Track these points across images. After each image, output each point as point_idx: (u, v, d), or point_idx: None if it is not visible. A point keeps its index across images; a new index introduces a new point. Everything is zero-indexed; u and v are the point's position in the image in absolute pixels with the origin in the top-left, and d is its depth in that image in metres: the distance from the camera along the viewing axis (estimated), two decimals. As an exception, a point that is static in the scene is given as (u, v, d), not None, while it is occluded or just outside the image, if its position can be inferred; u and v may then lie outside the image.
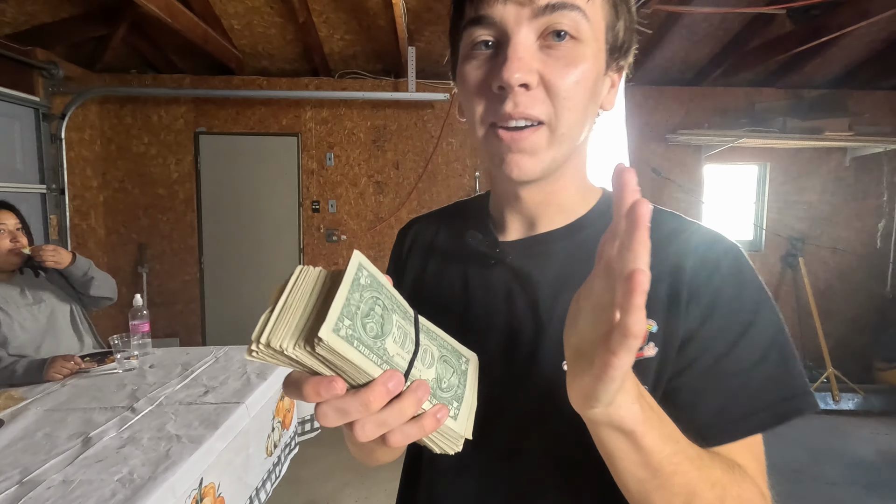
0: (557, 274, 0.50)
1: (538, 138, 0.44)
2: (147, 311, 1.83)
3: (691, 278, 0.46)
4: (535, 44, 0.43)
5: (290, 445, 1.72)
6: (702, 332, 0.45)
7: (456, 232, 0.58)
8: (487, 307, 0.52)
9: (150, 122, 3.64)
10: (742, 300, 0.46)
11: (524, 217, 0.53)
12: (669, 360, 0.45)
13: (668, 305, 0.46)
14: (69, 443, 1.16)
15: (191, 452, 1.10)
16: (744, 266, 0.47)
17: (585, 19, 0.43)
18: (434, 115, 3.76)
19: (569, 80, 0.43)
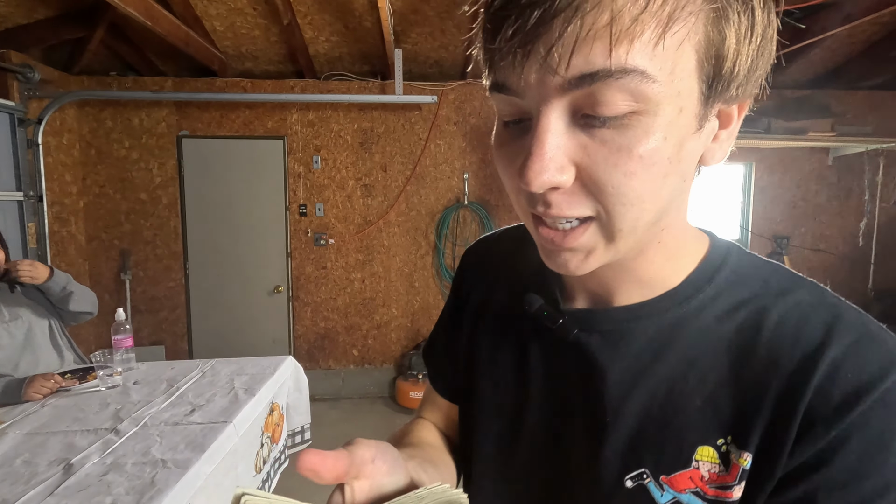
0: (630, 364, 0.39)
1: (589, 237, 0.34)
2: (130, 326, 1.78)
3: (821, 391, 0.33)
4: (565, 125, 0.31)
5: (280, 459, 1.69)
6: (819, 475, 0.33)
7: (518, 278, 0.49)
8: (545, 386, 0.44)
9: (130, 126, 3.56)
10: (885, 445, 0.32)
11: (592, 288, 0.43)
12: (759, 497, 0.34)
13: (773, 428, 0.34)
14: (50, 470, 1.12)
15: (177, 478, 1.07)
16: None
17: (648, 81, 0.29)
18: (422, 116, 3.74)
19: (619, 173, 0.31)
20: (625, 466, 0.38)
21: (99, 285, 3.62)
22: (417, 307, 3.89)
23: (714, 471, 0.35)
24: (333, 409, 3.56)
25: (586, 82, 0.29)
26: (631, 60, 0.28)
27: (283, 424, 1.75)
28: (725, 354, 0.37)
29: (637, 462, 0.38)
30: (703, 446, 0.36)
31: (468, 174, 3.79)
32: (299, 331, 3.82)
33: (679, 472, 0.36)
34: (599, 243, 0.35)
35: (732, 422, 0.35)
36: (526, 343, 0.46)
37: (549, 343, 0.44)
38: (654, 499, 0.37)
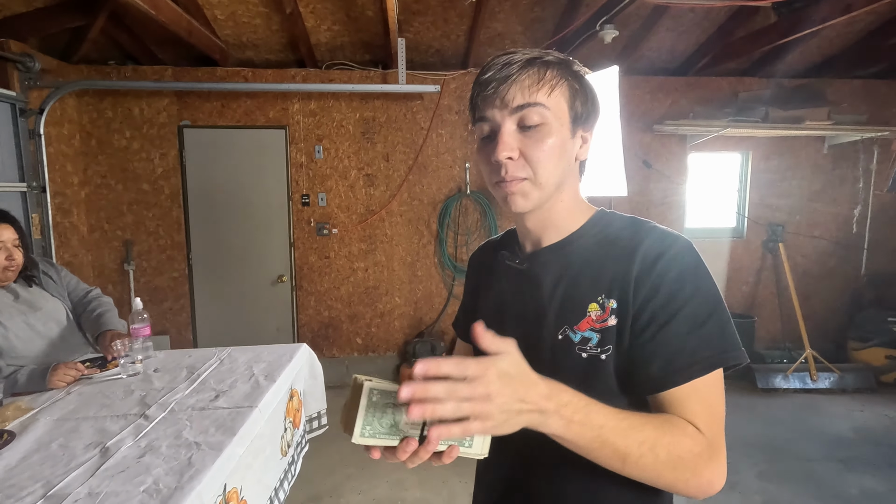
0: (554, 275, 0.71)
1: (524, 187, 0.66)
2: (147, 315, 1.81)
3: (641, 264, 0.63)
4: (515, 130, 0.65)
5: (301, 444, 1.73)
6: (650, 306, 0.61)
7: (497, 252, 0.84)
8: (515, 301, 0.76)
9: (131, 116, 3.54)
10: (682, 281, 0.62)
11: (531, 237, 0.75)
12: (626, 328, 0.63)
13: (622, 286, 0.64)
14: (87, 453, 1.16)
15: (213, 459, 1.11)
16: (686, 255, 0.64)
17: (547, 110, 0.64)
18: (423, 106, 3.74)
19: (538, 151, 0.64)
20: (557, 328, 0.68)
21: (102, 276, 3.63)
22: (420, 295, 3.94)
23: (597, 314, 0.65)
24: (339, 397, 3.59)
25: (522, 109, 0.64)
26: (538, 100, 0.64)
27: (302, 410, 1.79)
28: (598, 258, 0.68)
29: (561, 323, 0.68)
30: (591, 303, 0.66)
31: (470, 164, 3.81)
32: (303, 320, 3.85)
33: (581, 322, 0.66)
34: (531, 190, 0.66)
35: (604, 288, 0.65)
36: (504, 279, 0.79)
37: (515, 275, 0.77)
38: (572, 340, 0.66)
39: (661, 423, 0.57)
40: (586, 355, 0.65)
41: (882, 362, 3.70)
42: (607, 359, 0.63)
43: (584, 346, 0.65)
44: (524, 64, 0.64)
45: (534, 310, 0.71)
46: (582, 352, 0.65)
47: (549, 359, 0.67)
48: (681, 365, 0.59)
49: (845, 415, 3.25)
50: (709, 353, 0.59)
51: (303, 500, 2.39)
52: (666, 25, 3.39)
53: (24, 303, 1.76)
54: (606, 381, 0.64)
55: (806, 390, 3.60)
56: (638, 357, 0.62)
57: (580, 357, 0.65)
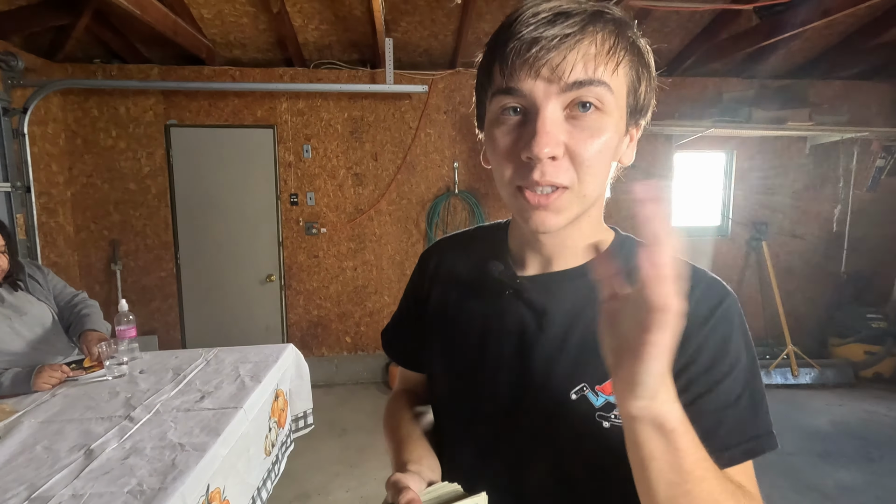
0: (570, 310, 0.55)
1: (563, 201, 0.49)
2: (133, 317, 1.82)
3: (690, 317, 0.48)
4: (561, 115, 0.47)
5: (286, 443, 1.75)
6: (689, 371, 0.50)
7: (478, 261, 0.64)
8: (502, 336, 0.58)
9: (117, 115, 3.52)
10: (727, 347, 0.51)
11: (542, 256, 0.58)
12: None
13: None
14: (71, 455, 1.17)
15: (196, 460, 1.13)
16: (733, 315, 0.52)
17: (609, 92, 0.47)
18: (412, 105, 3.76)
19: (592, 150, 0.48)
20: (570, 384, 0.52)
21: (89, 276, 3.61)
22: (409, 294, 3.95)
23: None
24: (328, 396, 3.63)
25: (576, 87, 0.46)
26: (602, 77, 0.47)
27: (287, 410, 1.81)
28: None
29: (578, 379, 0.52)
30: None
31: (458, 163, 3.83)
32: (292, 319, 3.86)
33: (607, 382, 0.51)
34: (570, 205, 0.49)
35: None
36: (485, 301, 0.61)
37: (504, 300, 0.59)
38: (592, 403, 0.52)
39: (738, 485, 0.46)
40: (609, 425, 0.51)
41: (861, 358, 3.79)
42: None
43: (608, 414, 0.51)
44: (587, 20, 0.46)
45: (537, 356, 0.55)
46: (604, 420, 0.51)
47: (554, 423, 0.53)
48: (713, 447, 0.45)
49: (824, 409, 3.33)
50: (743, 438, 0.49)
51: (290, 498, 2.42)
52: (651, 27, 3.43)
53: (9, 307, 1.76)
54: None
55: (787, 386, 3.68)
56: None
57: (600, 426, 0.51)
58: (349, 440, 2.99)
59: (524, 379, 0.56)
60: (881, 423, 3.13)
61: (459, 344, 0.62)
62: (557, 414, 0.53)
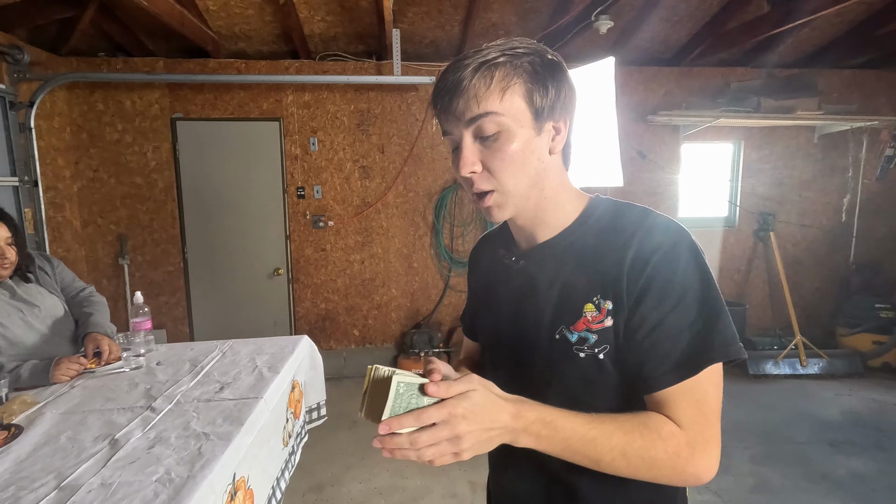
0: (550, 273, 0.70)
1: (495, 199, 0.65)
2: (148, 309, 1.81)
3: (633, 262, 0.62)
4: (474, 143, 0.63)
5: (301, 434, 1.76)
6: (641, 307, 0.61)
7: (496, 248, 0.83)
8: (511, 300, 0.75)
9: (122, 109, 3.50)
10: (672, 282, 0.60)
11: (525, 234, 0.74)
12: (621, 328, 0.62)
13: (616, 285, 0.62)
14: (96, 445, 1.17)
15: (222, 449, 1.13)
16: (679, 249, 0.61)
17: (501, 116, 0.60)
18: (418, 97, 3.74)
19: (499, 162, 0.62)
20: (553, 328, 0.67)
21: (97, 270, 3.61)
22: (416, 287, 3.96)
23: (593, 314, 0.64)
24: (337, 388, 3.64)
25: (475, 121, 0.61)
26: (489, 108, 0.60)
27: (302, 401, 1.81)
28: (594, 255, 0.66)
29: (558, 323, 0.67)
30: (587, 304, 0.65)
31: (465, 155, 3.81)
32: (300, 312, 3.86)
33: (577, 322, 0.65)
34: (502, 201, 0.65)
35: (599, 288, 0.64)
36: (501, 276, 0.79)
37: (512, 273, 0.76)
38: (569, 340, 0.66)
39: (633, 427, 0.58)
40: (584, 355, 0.64)
41: (869, 347, 3.79)
42: (605, 357, 0.63)
43: (582, 346, 0.65)
44: (473, 70, 0.60)
45: (531, 309, 0.70)
46: (579, 351, 0.65)
47: (546, 359, 0.68)
48: (667, 368, 0.59)
49: (833, 399, 3.33)
50: (696, 354, 0.59)
51: (304, 490, 2.42)
52: (660, 15, 3.40)
53: (20, 300, 1.75)
54: (607, 379, 0.64)
55: (796, 376, 3.68)
56: (631, 358, 0.62)
57: (577, 356, 0.65)
58: (360, 432, 2.99)
59: (525, 329, 0.72)
60: (891, 412, 3.13)
61: (487, 310, 0.83)
62: (547, 351, 0.68)
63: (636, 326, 0.61)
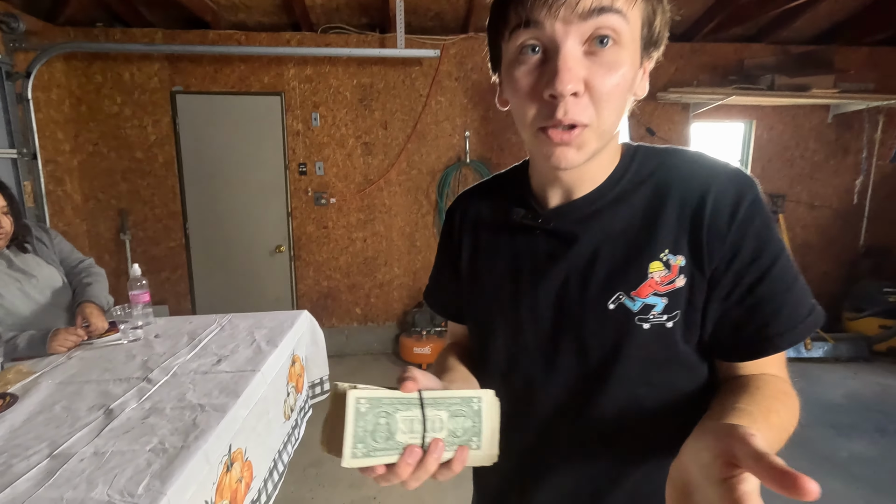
0: (596, 227, 0.57)
1: (583, 138, 0.50)
2: (146, 282, 1.79)
3: (715, 213, 0.52)
4: (580, 51, 0.48)
5: (304, 408, 1.75)
6: (735, 264, 0.52)
7: (501, 207, 0.66)
8: (541, 270, 0.60)
9: (121, 81, 3.44)
10: (768, 234, 0.52)
11: (563, 189, 0.60)
12: (699, 288, 0.53)
13: (693, 238, 0.53)
14: (91, 415, 1.16)
15: (217, 420, 1.11)
16: (762, 200, 0.53)
17: (625, 22, 0.47)
18: (422, 72, 3.65)
19: (610, 84, 0.48)
20: (606, 296, 0.55)
21: (98, 246, 3.59)
22: (419, 266, 3.93)
23: (662, 275, 0.53)
24: (339, 366, 3.64)
25: (594, 14, 0.46)
26: (619, 6, 0.47)
27: (304, 376, 1.80)
28: (652, 206, 0.55)
29: (613, 290, 0.55)
30: (653, 262, 0.54)
31: (469, 132, 3.74)
32: (302, 290, 3.85)
33: (641, 285, 0.54)
34: (589, 141, 0.51)
35: (667, 240, 0.54)
36: (514, 241, 0.63)
37: (534, 237, 0.61)
38: (629, 309, 0.54)
39: (776, 397, 0.51)
40: (648, 326, 0.54)
41: (876, 332, 3.75)
42: (674, 326, 0.53)
43: (646, 315, 0.54)
44: None
45: (572, 277, 0.57)
46: (643, 322, 0.54)
47: (598, 338, 0.56)
48: (778, 330, 0.51)
49: (838, 382, 3.31)
50: (802, 317, 0.52)
51: (305, 464, 2.44)
52: (673, -12, 3.28)
53: (17, 270, 1.73)
54: (671, 349, 0.55)
55: (800, 359, 3.66)
56: (724, 323, 0.53)
57: (640, 329, 0.54)
58: (361, 409, 3.00)
59: (563, 302, 0.58)
60: (895, 396, 3.11)
61: (494, 288, 0.65)
62: (599, 325, 0.56)
63: (729, 286, 0.52)
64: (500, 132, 3.75)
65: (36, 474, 0.93)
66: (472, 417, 0.48)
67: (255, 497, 1.22)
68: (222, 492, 1.06)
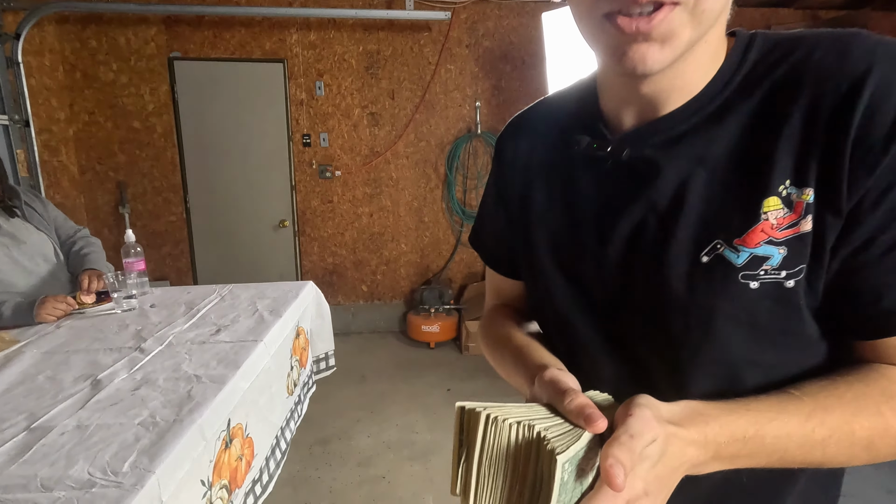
0: (687, 156, 0.42)
1: (672, 21, 0.35)
2: (140, 249, 1.68)
3: (868, 116, 0.35)
4: None
5: (308, 384, 1.65)
6: (884, 204, 0.36)
7: (560, 135, 0.53)
8: (611, 209, 0.47)
9: (117, 46, 3.29)
10: None
11: (641, 106, 0.45)
12: (830, 233, 0.38)
13: (827, 161, 0.37)
14: (76, 386, 1.05)
15: (214, 392, 1.01)
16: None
17: None
18: (431, 38, 3.47)
19: None
20: (698, 245, 0.41)
21: (97, 219, 3.49)
22: (427, 242, 3.81)
23: (780, 216, 0.38)
24: (345, 344, 3.55)
25: None
26: None
27: (308, 349, 1.69)
28: (771, 112, 0.39)
29: (709, 237, 0.40)
30: (768, 198, 0.38)
31: (480, 102, 3.58)
32: (307, 266, 3.74)
33: (750, 231, 0.39)
34: (681, 28, 0.36)
35: (788, 167, 0.38)
36: (577, 177, 0.50)
37: (602, 169, 0.47)
38: (731, 263, 0.39)
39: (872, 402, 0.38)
40: (758, 284, 0.39)
41: None
42: (796, 286, 0.39)
43: (755, 271, 0.39)
44: None
45: (649, 222, 0.44)
46: (750, 279, 0.39)
47: (683, 297, 0.42)
48: None
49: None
50: None
51: (311, 442, 2.36)
52: (699, -55, 3.08)
53: (5, 235, 1.62)
54: (789, 318, 0.40)
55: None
56: (857, 286, 0.38)
57: (746, 288, 0.39)
58: (369, 387, 2.92)
59: (637, 255, 0.45)
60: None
61: (550, 237, 0.53)
62: (686, 286, 0.41)
63: (873, 229, 0.37)
64: (513, 102, 3.58)
65: (9, 449, 0.83)
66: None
67: (257, 476, 1.13)
68: (220, 470, 0.96)
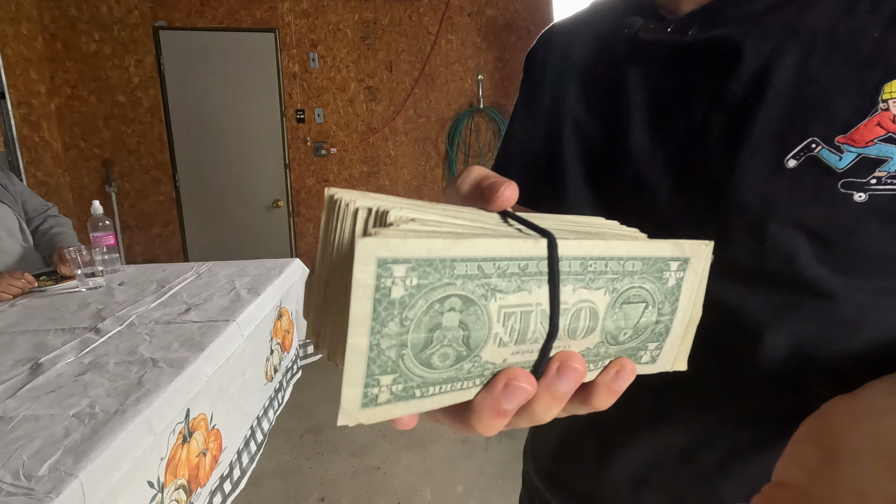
0: (774, 28, 0.32)
1: None
2: (109, 222, 1.53)
3: None
4: None
5: (293, 370, 1.51)
6: None
7: (604, 30, 0.43)
8: (660, 111, 0.36)
9: (99, 15, 3.11)
10: None
11: None
12: None
13: None
14: (14, 370, 0.92)
15: (170, 379, 0.87)
16: None
17: None
18: (431, 6, 3.28)
19: None
20: (783, 146, 0.31)
21: (83, 199, 3.34)
22: (427, 224, 3.65)
23: None
24: (341, 328, 3.43)
25: None
26: None
27: (293, 332, 1.55)
28: None
29: (800, 134, 0.30)
30: (889, 82, 0.28)
31: (483, 75, 3.40)
32: (302, 248, 3.60)
33: (861, 124, 0.28)
34: None
35: None
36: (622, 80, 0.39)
37: (654, 62, 0.38)
38: (829, 167, 0.29)
39: None
40: (865, 196, 0.28)
41: None
42: None
43: (864, 178, 0.28)
44: None
45: (715, 119, 0.34)
46: (856, 189, 0.28)
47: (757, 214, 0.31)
48: None
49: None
50: None
51: (303, 430, 2.24)
52: None
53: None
54: None
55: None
56: None
57: (849, 201, 0.29)
58: (365, 373, 2.79)
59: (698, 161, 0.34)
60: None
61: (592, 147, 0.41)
62: (766, 197, 0.31)
63: None
64: (517, 75, 3.40)
65: (-88, 446, 0.69)
66: (665, 297, 0.22)
67: (226, 472, 0.99)
68: (176, 468, 0.82)
